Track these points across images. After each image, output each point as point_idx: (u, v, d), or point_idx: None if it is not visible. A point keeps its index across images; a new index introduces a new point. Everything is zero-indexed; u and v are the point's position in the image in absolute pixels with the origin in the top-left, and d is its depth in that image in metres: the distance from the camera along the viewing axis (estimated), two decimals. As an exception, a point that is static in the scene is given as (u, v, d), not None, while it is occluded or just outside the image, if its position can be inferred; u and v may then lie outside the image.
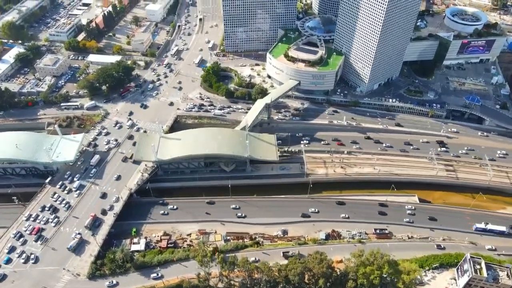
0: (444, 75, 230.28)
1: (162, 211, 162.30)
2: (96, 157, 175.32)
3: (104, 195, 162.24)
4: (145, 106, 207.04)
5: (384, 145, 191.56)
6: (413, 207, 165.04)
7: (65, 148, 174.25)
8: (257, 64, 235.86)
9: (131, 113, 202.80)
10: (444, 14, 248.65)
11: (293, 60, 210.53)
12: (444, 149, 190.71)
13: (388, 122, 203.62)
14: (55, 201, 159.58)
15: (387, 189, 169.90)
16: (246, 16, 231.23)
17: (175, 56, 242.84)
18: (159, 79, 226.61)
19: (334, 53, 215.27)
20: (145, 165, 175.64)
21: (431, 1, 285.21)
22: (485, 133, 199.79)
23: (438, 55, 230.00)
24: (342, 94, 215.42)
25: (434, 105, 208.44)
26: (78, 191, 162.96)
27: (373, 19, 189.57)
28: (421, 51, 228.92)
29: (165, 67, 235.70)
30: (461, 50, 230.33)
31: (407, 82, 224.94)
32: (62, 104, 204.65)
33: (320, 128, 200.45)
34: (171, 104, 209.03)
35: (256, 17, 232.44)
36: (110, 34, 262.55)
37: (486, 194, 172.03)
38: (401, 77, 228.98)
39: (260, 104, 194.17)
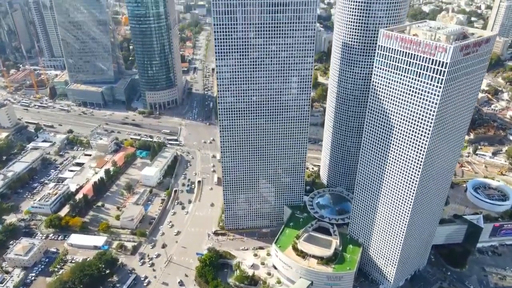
0: (479, 264, 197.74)
1: None
2: None
3: None
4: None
5: None
6: None
7: None
8: (261, 248, 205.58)
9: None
10: (465, 186, 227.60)
11: (303, 255, 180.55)
12: None
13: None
14: None
15: None
16: (248, 186, 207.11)
17: (166, 242, 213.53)
18: (147, 269, 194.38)
19: (350, 245, 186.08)
20: None
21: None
22: None
23: (468, 237, 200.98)
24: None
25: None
26: None
27: (400, 203, 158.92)
28: (448, 234, 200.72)
29: (154, 251, 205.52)
30: (494, 233, 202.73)
31: (437, 276, 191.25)
32: None
33: None
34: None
35: (259, 188, 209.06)
36: (99, 204, 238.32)
37: None
38: (429, 267, 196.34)
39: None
